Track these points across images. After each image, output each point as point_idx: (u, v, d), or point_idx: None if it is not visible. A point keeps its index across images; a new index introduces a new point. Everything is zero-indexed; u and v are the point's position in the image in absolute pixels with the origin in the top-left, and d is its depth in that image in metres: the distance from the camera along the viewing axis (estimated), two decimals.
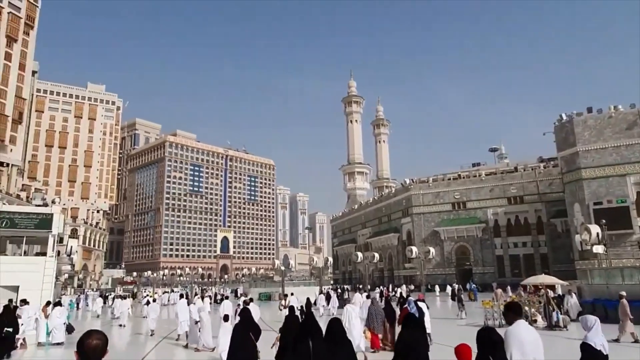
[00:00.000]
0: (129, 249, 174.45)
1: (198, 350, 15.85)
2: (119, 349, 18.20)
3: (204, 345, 15.87)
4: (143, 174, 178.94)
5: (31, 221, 23.46)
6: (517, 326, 4.94)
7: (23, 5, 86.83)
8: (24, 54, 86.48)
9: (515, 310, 5.21)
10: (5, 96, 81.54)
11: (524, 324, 5.00)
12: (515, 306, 5.35)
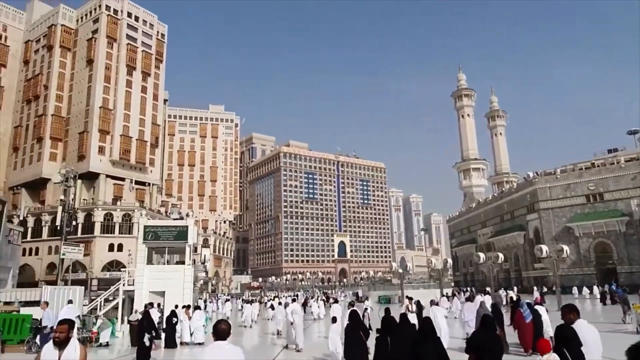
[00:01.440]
0: (254, 256, 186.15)
1: (299, 351, 16.67)
2: (248, 350, 19.36)
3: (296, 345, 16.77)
4: (262, 185, 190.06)
5: (171, 233, 26.17)
6: None
7: (153, 42, 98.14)
8: (156, 85, 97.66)
9: None
10: (144, 124, 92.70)
11: None
12: None
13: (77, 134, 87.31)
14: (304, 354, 16.62)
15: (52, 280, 60.74)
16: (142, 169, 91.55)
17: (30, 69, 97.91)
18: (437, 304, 16.79)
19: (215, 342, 4.68)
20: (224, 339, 4.66)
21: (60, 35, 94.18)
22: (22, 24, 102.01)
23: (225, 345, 4.60)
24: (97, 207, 78.53)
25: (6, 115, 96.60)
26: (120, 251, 76.74)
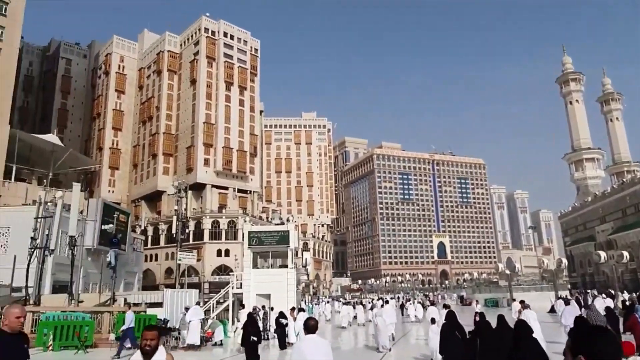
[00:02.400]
0: (352, 258, 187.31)
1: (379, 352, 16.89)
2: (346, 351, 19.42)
3: (382, 347, 16.91)
4: (357, 188, 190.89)
5: (273, 238, 27.26)
6: None
7: (247, 58, 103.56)
8: (252, 98, 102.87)
9: None
10: (243, 135, 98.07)
11: None
12: None
13: (185, 148, 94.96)
14: (400, 356, 16.48)
15: (170, 283, 66.53)
16: (243, 177, 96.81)
17: (144, 93, 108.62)
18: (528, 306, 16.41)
19: (306, 335, 5.56)
20: (313, 333, 5.52)
21: (167, 60, 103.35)
22: (135, 53, 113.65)
23: (315, 338, 5.46)
24: (205, 215, 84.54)
25: (126, 136, 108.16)
26: (227, 256, 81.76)
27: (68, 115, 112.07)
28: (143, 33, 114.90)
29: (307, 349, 5.36)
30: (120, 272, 35.73)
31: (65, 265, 32.03)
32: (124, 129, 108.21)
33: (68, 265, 27.95)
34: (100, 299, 25.73)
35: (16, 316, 4.18)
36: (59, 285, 34.75)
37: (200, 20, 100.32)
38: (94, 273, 39.04)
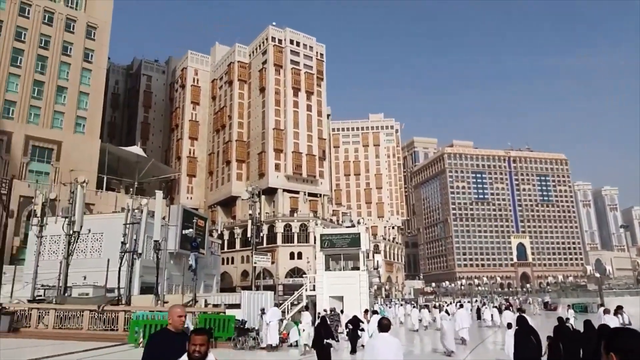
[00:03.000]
0: (425, 261, 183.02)
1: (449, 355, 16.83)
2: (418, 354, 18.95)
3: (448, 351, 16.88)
4: (427, 188, 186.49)
5: (345, 240, 27.35)
6: None
7: (313, 63, 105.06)
8: (319, 102, 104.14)
9: None
10: (311, 140, 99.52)
11: None
12: None
13: (256, 154, 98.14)
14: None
15: (246, 285, 68.90)
16: (313, 181, 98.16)
17: (217, 103, 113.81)
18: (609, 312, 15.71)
19: (379, 333, 6.01)
20: (386, 331, 5.94)
21: (237, 71, 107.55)
22: (208, 66, 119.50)
23: (387, 336, 5.89)
24: (277, 219, 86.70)
25: (202, 145, 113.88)
26: (299, 259, 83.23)
27: (150, 127, 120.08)
28: (215, 46, 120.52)
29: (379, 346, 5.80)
30: (200, 274, 37.60)
31: (151, 267, 34.28)
32: (200, 138, 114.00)
33: (153, 267, 29.89)
34: (183, 299, 27.24)
35: (178, 315, 4.35)
36: (145, 287, 37.26)
37: (267, 29, 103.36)
38: (177, 275, 41.41)
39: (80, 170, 50.29)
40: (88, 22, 77.52)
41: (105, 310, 21.66)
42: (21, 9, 71.35)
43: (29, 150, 68.36)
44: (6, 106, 68.17)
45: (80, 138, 73.16)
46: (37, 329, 21.75)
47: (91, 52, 77.48)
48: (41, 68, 71.85)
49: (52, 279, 30.77)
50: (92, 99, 76.81)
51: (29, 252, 41.54)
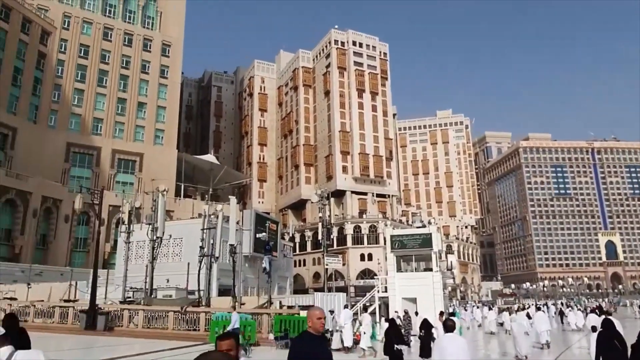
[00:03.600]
0: (502, 261, 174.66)
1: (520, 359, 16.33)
2: None
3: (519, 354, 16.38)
4: (502, 185, 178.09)
5: (416, 241, 26.86)
6: None
7: (377, 63, 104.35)
8: (384, 102, 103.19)
9: None
10: (378, 140, 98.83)
11: None
12: None
13: (324, 157, 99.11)
14: None
15: (318, 287, 69.71)
16: (381, 182, 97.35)
17: (283, 109, 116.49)
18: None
19: (445, 334, 6.28)
20: (452, 332, 6.20)
21: (302, 76, 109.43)
22: (274, 73, 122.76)
23: (453, 336, 6.15)
24: (347, 221, 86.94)
25: (270, 150, 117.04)
26: (370, 260, 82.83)
27: (221, 136, 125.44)
28: (279, 54, 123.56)
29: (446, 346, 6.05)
30: (273, 276, 38.60)
31: (227, 270, 35.72)
32: (269, 144, 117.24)
33: (230, 270, 31.14)
34: (259, 301, 28.11)
35: (318, 317, 4.21)
36: (223, 289, 38.92)
37: (330, 33, 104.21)
38: (252, 278, 42.83)
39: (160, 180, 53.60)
40: (163, 41, 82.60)
41: (188, 312, 22.88)
42: (104, 33, 77.44)
43: (115, 162, 73.93)
44: (95, 123, 74.26)
45: (160, 149, 78.04)
46: (128, 328, 23.45)
47: (166, 69, 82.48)
48: (123, 87, 77.53)
49: (140, 281, 33.05)
50: (169, 112, 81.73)
51: (119, 257, 44.96)
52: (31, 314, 25.98)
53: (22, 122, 65.69)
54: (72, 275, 39.47)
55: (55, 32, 72.11)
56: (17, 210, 58.18)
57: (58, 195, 62.69)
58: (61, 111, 71.07)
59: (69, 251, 63.50)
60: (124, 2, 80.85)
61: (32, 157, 65.07)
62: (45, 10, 72.18)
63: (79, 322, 23.65)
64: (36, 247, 60.02)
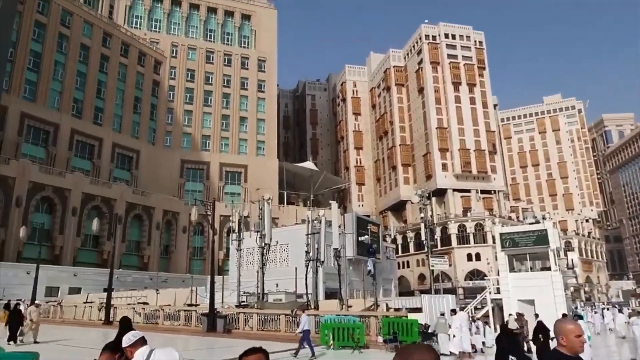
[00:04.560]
0: (633, 257, 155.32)
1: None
2: None
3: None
4: (627, 172, 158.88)
5: (529, 239, 25.02)
6: None
7: (472, 53, 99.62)
8: (483, 93, 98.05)
9: None
10: (478, 134, 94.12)
11: None
12: None
13: (421, 156, 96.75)
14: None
15: (424, 289, 68.03)
16: (485, 177, 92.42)
17: (377, 111, 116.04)
18: None
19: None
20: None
21: (394, 75, 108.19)
22: (365, 76, 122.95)
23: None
24: (450, 220, 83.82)
25: (366, 153, 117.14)
26: (478, 260, 78.87)
27: (318, 142, 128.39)
28: (369, 56, 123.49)
29: None
30: (378, 279, 38.44)
31: (332, 274, 36.33)
32: (364, 147, 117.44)
33: (334, 274, 31.65)
34: (365, 304, 28.17)
35: (576, 334, 3.18)
36: (329, 292, 39.64)
37: (420, 29, 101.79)
38: (356, 281, 43.08)
39: (264, 189, 56.28)
40: (258, 57, 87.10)
41: (298, 314, 23.67)
42: (207, 56, 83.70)
43: (223, 175, 79.21)
44: (203, 140, 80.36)
45: (262, 160, 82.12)
46: (244, 331, 24.89)
47: (263, 83, 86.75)
48: (226, 104, 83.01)
49: (251, 286, 34.95)
50: (268, 124, 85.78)
51: (231, 264, 47.99)
52: (161, 317, 28.72)
53: (143, 144, 73.34)
54: (192, 281, 42.95)
55: (165, 61, 79.59)
56: (144, 224, 64.90)
57: (176, 209, 68.81)
58: (174, 132, 78.07)
59: (188, 259, 69.29)
60: (222, 25, 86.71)
61: (153, 175, 72.25)
62: (156, 42, 79.97)
63: (201, 325, 25.63)
64: (161, 257, 66.38)
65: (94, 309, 32.55)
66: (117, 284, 42.88)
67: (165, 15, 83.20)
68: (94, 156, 65.87)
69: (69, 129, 62.67)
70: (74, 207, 56.41)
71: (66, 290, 47.94)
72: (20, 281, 42.70)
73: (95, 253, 59.53)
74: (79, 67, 65.97)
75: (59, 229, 54.99)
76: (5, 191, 50.88)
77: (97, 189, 59.73)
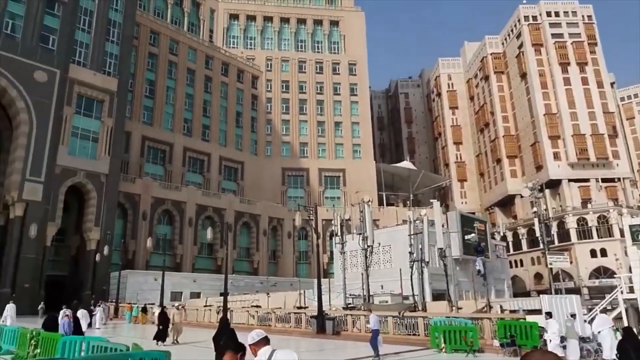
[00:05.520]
0: None
1: None
2: None
3: None
4: None
5: None
6: None
7: (581, 29, 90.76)
8: (596, 72, 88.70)
9: None
10: (594, 117, 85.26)
11: None
12: None
13: (528, 146, 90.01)
14: None
15: (542, 289, 62.92)
16: (606, 164, 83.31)
17: (475, 102, 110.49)
18: None
19: None
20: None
21: (491, 63, 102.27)
22: (460, 68, 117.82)
23: None
24: (567, 213, 76.83)
25: (467, 148, 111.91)
26: (604, 256, 71.26)
27: (415, 141, 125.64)
28: (464, 46, 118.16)
29: None
30: (488, 279, 36.43)
31: (438, 275, 35.15)
32: (464, 141, 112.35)
33: (440, 275, 30.59)
34: (476, 305, 26.83)
35: None
36: (436, 294, 38.43)
37: (518, 10, 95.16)
38: (464, 281, 41.25)
39: (363, 191, 56.51)
40: (349, 61, 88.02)
41: (405, 317, 23.25)
42: (299, 66, 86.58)
43: (322, 180, 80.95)
44: (301, 147, 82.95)
45: (359, 163, 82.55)
46: (352, 332, 25.04)
47: (355, 86, 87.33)
48: (320, 110, 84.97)
49: (356, 288, 35.10)
50: (363, 127, 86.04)
51: (336, 267, 48.72)
52: (273, 319, 30.02)
53: (247, 155, 77.81)
54: (299, 284, 44.35)
55: (261, 76, 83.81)
56: (251, 231, 68.66)
57: (280, 215, 71.80)
58: (274, 141, 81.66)
59: (294, 263, 71.80)
60: (312, 35, 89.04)
61: (257, 184, 76.23)
62: (252, 58, 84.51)
63: (311, 327, 26.30)
64: (269, 261, 69.64)
65: (213, 312, 34.98)
66: (231, 288, 45.74)
67: (258, 32, 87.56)
68: (204, 170, 71.28)
69: (181, 147, 68.65)
70: (190, 218, 61.53)
71: (188, 295, 52.24)
72: (150, 287, 47.45)
73: (211, 260, 64.22)
74: (187, 90, 72.08)
75: (178, 239, 60.32)
76: (134, 207, 57.07)
77: (208, 200, 64.58)
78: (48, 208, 47.17)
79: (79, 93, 51.95)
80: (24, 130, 46.62)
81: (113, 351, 9.18)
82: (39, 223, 45.99)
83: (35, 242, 45.57)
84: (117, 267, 48.00)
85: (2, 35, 47.15)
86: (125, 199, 56.35)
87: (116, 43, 56.89)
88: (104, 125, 53.41)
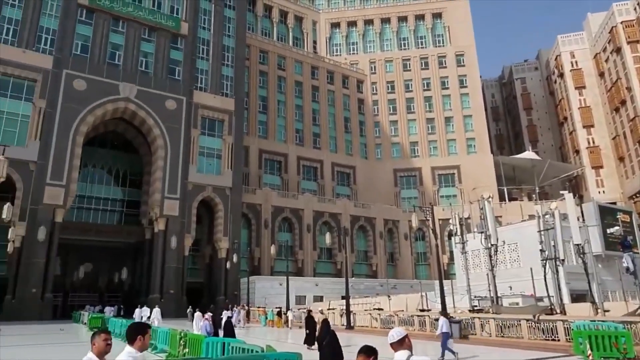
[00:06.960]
0: None
1: None
2: None
3: None
4: None
5: None
6: None
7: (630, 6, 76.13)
8: None
9: None
10: None
11: None
12: None
13: None
14: None
15: None
16: None
17: (607, 79, 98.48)
18: None
19: None
20: None
21: (623, 33, 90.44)
22: (584, 43, 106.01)
23: None
24: None
25: (600, 131, 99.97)
26: None
27: (536, 129, 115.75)
28: (587, 18, 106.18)
29: None
30: None
31: (575, 273, 31.82)
32: (596, 124, 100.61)
33: (579, 273, 27.63)
34: (628, 307, 23.68)
35: None
36: (576, 295, 34.79)
37: None
38: (609, 280, 36.79)
39: (481, 187, 53.50)
40: (455, 52, 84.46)
41: (541, 320, 21.41)
42: (403, 65, 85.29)
43: (436, 178, 78.51)
44: (412, 147, 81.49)
45: (474, 158, 78.53)
46: (481, 337, 23.72)
47: (464, 78, 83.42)
48: (428, 107, 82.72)
49: (481, 290, 33.25)
50: (476, 119, 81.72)
51: (457, 267, 46.72)
52: (395, 322, 29.71)
53: (357, 160, 78.59)
54: (420, 286, 43.35)
55: (366, 79, 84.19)
56: (368, 234, 68.96)
57: (395, 217, 71.09)
58: (384, 143, 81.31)
59: (413, 265, 70.45)
60: (415, 31, 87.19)
61: (369, 188, 76.45)
62: (356, 63, 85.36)
63: (435, 330, 25.48)
64: (387, 264, 69.25)
65: (336, 314, 35.74)
66: (351, 291, 46.31)
67: (360, 36, 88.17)
68: (318, 177, 73.51)
69: (295, 157, 71.72)
70: (308, 224, 63.81)
71: (311, 298, 54.07)
72: (276, 291, 50.09)
73: (330, 264, 65.82)
74: (296, 101, 75.25)
75: (299, 245, 62.89)
76: (256, 216, 60.94)
77: (324, 206, 66.39)
78: (184, 221, 52.49)
79: (203, 115, 57.19)
80: (161, 154, 52.59)
81: (250, 352, 9.84)
82: (178, 235, 51.40)
83: (176, 253, 50.95)
84: (245, 273, 51.59)
85: (139, 72, 53.88)
86: (248, 209, 60.44)
87: (231, 66, 61.64)
88: (225, 143, 58.05)
